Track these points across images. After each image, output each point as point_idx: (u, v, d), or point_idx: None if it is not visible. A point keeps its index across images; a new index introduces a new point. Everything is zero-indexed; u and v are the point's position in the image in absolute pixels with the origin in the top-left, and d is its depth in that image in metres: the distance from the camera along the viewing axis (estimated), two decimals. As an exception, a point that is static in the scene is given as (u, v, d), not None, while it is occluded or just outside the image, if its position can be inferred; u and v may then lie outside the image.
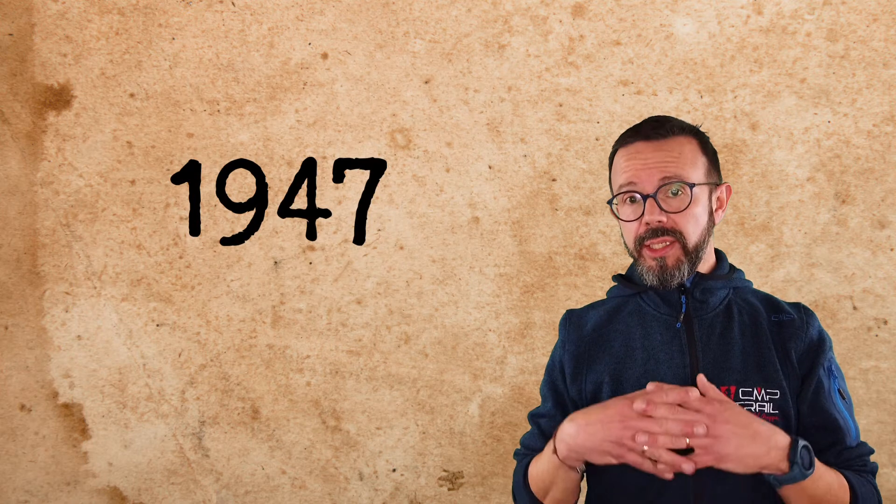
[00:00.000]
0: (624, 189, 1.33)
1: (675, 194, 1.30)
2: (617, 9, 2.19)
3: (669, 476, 1.16)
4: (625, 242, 1.39)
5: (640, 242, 1.32)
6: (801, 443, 1.16)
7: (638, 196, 1.32)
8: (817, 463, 1.18)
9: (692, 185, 1.30)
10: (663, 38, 2.19)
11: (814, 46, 2.15)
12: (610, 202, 1.38)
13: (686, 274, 1.31)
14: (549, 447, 1.29)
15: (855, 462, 1.27)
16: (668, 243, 1.29)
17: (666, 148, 1.32)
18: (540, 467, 1.33)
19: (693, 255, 1.31)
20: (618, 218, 1.36)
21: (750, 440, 1.14)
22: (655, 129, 1.35)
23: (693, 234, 1.30)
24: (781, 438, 1.16)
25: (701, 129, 1.41)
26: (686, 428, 1.14)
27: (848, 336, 2.20)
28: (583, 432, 1.21)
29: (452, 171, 2.28)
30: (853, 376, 2.19)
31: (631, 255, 1.38)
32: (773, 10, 2.15)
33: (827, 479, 1.19)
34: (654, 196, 1.29)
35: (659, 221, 1.29)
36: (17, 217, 2.32)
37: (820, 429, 1.27)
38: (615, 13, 2.19)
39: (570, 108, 2.23)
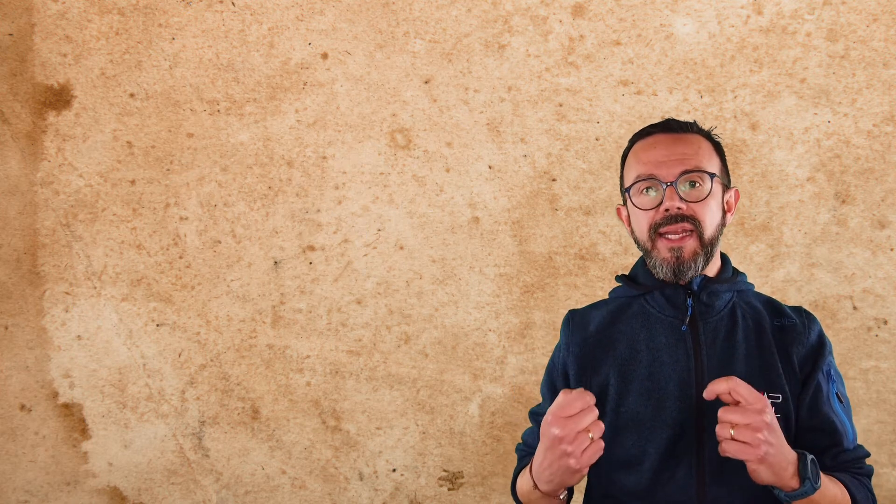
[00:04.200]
0: (643, 177, 1.32)
1: (694, 186, 1.31)
2: (617, 9, 2.19)
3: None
4: (635, 238, 1.38)
5: (655, 231, 1.31)
6: (809, 457, 1.15)
7: (653, 191, 1.32)
8: (822, 475, 1.18)
9: (712, 175, 1.31)
10: (663, 38, 2.19)
11: (814, 46, 2.15)
12: (626, 191, 1.37)
13: (700, 268, 1.31)
14: (529, 475, 1.28)
15: (851, 465, 1.27)
16: (686, 232, 1.29)
17: (685, 141, 1.34)
18: (523, 485, 1.32)
19: (708, 247, 1.31)
20: (634, 206, 1.34)
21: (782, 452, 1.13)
22: (675, 123, 1.38)
23: (709, 226, 1.31)
24: (790, 453, 1.15)
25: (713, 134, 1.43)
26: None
27: (848, 336, 2.20)
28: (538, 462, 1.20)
29: (452, 171, 2.28)
30: (853, 376, 2.19)
31: (642, 249, 1.36)
32: (773, 10, 2.15)
33: (832, 490, 1.19)
34: (674, 184, 1.30)
35: (678, 208, 1.29)
36: (17, 217, 2.32)
37: (817, 431, 1.27)
38: (615, 13, 2.19)
39: (570, 108, 2.23)
